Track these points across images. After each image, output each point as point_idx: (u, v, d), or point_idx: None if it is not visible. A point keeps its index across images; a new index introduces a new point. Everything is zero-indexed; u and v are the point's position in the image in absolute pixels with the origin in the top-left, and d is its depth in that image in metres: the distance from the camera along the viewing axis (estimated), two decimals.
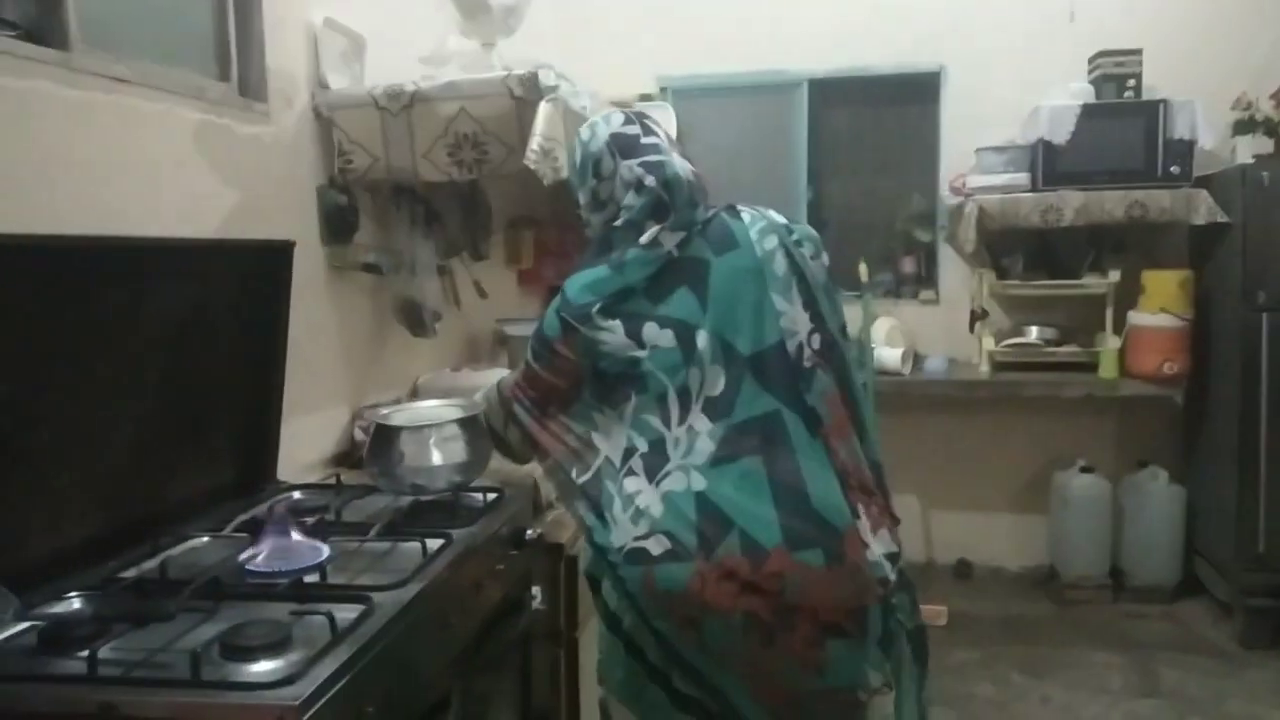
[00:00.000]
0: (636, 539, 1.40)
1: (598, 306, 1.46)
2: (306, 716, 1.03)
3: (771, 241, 1.49)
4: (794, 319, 1.45)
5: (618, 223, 1.51)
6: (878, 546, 1.41)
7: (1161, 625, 3.58)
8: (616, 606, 1.44)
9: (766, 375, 1.42)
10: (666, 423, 1.43)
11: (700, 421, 1.41)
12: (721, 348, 1.43)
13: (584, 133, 1.59)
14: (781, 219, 1.54)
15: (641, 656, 1.43)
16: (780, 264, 1.47)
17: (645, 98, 3.92)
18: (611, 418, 1.48)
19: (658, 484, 1.41)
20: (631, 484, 1.43)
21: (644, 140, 1.54)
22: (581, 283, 1.50)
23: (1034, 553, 4.08)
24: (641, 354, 1.44)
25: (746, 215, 1.52)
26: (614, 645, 1.46)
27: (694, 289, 1.46)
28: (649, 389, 1.44)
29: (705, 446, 1.40)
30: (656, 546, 1.38)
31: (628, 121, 1.57)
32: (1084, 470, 3.82)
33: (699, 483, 1.39)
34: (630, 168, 1.51)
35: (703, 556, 1.35)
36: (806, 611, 1.34)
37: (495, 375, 2.58)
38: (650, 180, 1.49)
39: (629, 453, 1.45)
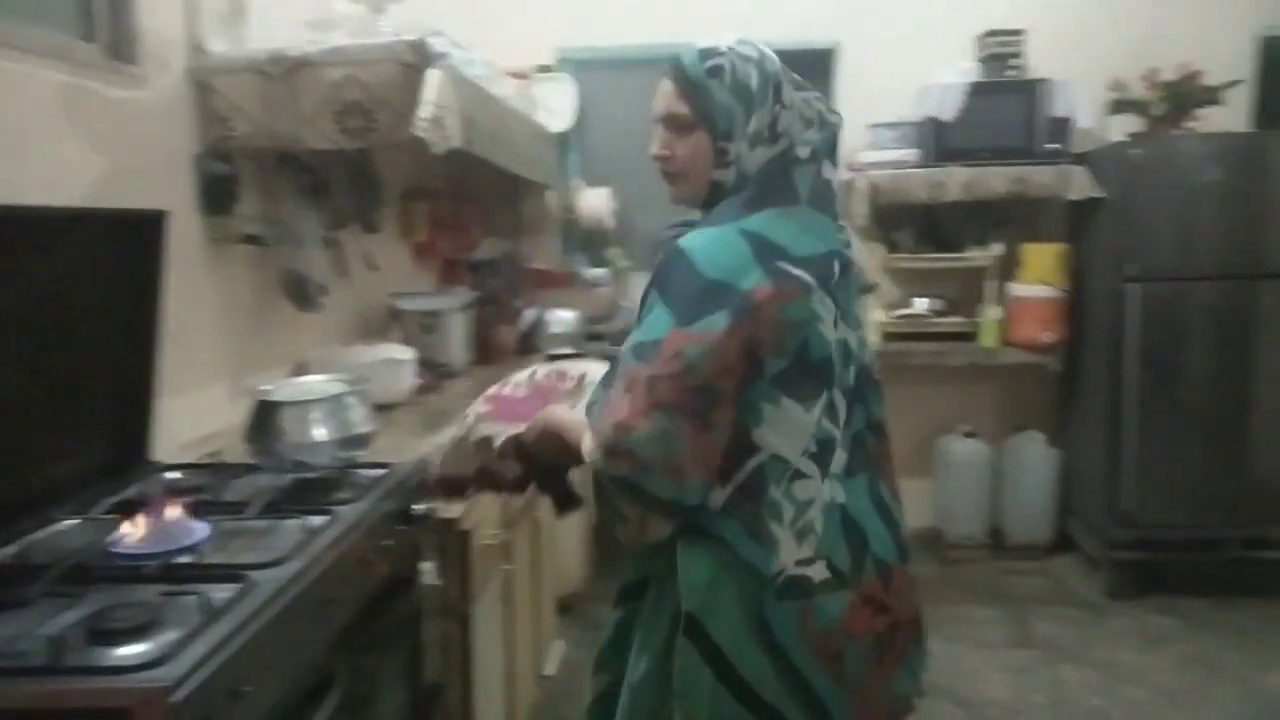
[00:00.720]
0: (799, 563, 1.20)
1: (835, 266, 1.26)
2: (177, 698, 1.01)
3: (851, 249, 1.37)
4: (865, 333, 1.38)
5: (801, 153, 1.29)
6: None
7: (1036, 580, 3.78)
8: (730, 647, 1.21)
9: (863, 385, 1.34)
10: (835, 424, 1.26)
11: (837, 428, 1.28)
12: (853, 350, 1.31)
13: (749, 50, 1.30)
14: None
15: (752, 699, 1.21)
16: (856, 274, 1.37)
17: (544, 69, 3.89)
18: (793, 411, 1.22)
19: (822, 494, 1.24)
20: (803, 489, 1.22)
21: (798, 78, 1.37)
22: (797, 225, 1.25)
23: (920, 515, 4.24)
24: (834, 340, 1.25)
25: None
26: (709, 685, 1.22)
27: (846, 276, 1.31)
28: (836, 384, 1.26)
29: (841, 456, 1.27)
30: (818, 574, 1.21)
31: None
32: (967, 435, 3.99)
33: (840, 494, 1.25)
34: (809, 101, 1.32)
35: (854, 582, 1.23)
36: (905, 624, 1.30)
37: (384, 352, 2.53)
38: (835, 116, 1.35)
39: (802, 452, 1.23)
